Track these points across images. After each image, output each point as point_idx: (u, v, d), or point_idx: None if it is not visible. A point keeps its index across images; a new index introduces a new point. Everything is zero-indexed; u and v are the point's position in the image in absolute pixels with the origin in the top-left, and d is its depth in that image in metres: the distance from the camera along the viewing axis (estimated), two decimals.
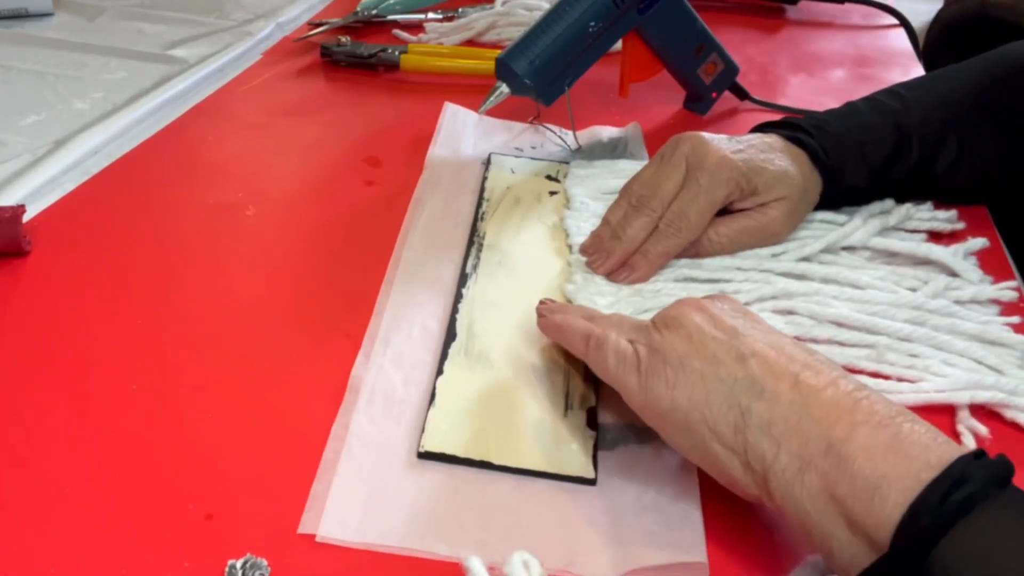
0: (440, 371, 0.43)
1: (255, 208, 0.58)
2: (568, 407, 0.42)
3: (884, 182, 0.55)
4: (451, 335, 0.46)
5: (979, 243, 0.53)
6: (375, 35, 0.88)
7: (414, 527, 0.36)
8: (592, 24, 0.59)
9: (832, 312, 0.46)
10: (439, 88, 0.77)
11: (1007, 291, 0.49)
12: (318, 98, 0.75)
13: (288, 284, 0.51)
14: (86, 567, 0.34)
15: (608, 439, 0.40)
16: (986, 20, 0.98)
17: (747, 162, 0.50)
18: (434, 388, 0.42)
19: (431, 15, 0.91)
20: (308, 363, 0.45)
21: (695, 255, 0.51)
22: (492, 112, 0.71)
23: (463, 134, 0.67)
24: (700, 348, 0.35)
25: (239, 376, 0.44)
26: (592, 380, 0.43)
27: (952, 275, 0.50)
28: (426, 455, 0.39)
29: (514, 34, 0.86)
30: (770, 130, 0.55)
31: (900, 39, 0.93)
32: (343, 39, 0.81)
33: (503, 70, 0.60)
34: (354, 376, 0.43)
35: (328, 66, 0.80)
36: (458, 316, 0.47)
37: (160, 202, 0.59)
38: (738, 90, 0.73)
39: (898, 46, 0.91)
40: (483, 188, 0.60)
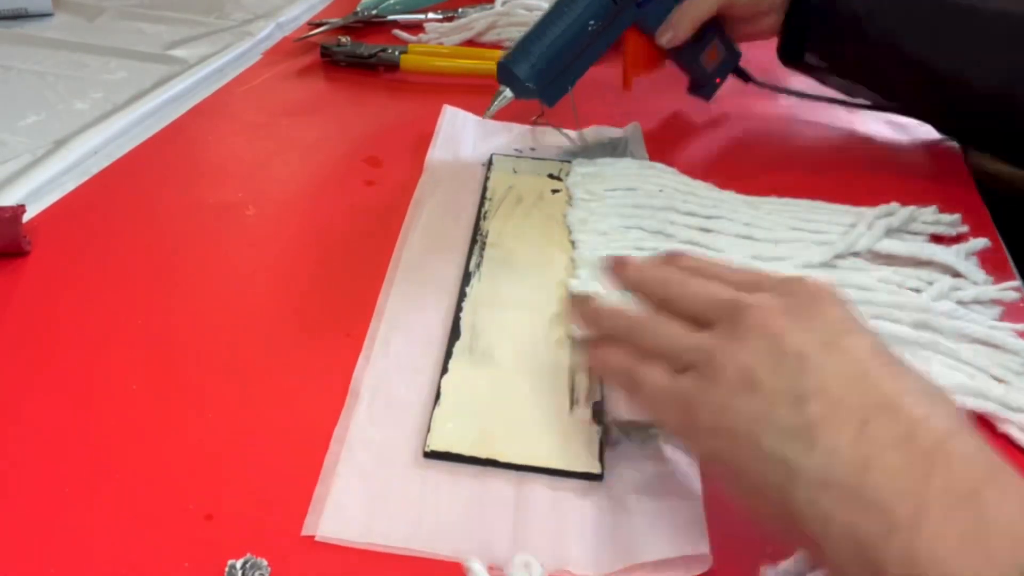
0: (444, 370, 0.43)
1: (255, 208, 0.58)
2: (574, 403, 0.42)
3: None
4: (455, 334, 0.46)
5: (980, 243, 0.53)
6: (375, 35, 0.88)
7: (416, 527, 0.36)
8: (591, 23, 0.58)
9: None
10: (439, 88, 0.77)
11: (1009, 291, 0.49)
12: (318, 98, 0.75)
13: (288, 284, 0.51)
14: (86, 567, 0.34)
15: (612, 436, 0.40)
16: None
17: None
18: (439, 387, 0.42)
19: (431, 15, 0.91)
20: (309, 363, 0.45)
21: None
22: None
23: (462, 136, 0.67)
24: (756, 382, 0.30)
25: (239, 376, 0.43)
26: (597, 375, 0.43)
27: (955, 276, 0.50)
28: (432, 454, 0.39)
29: (514, 34, 0.86)
30: None
31: None
32: (343, 39, 0.80)
33: (504, 74, 0.59)
34: (355, 377, 0.43)
35: (328, 66, 0.80)
36: (462, 315, 0.47)
37: (160, 202, 0.59)
38: (741, 74, 0.72)
39: None
40: (485, 188, 0.59)
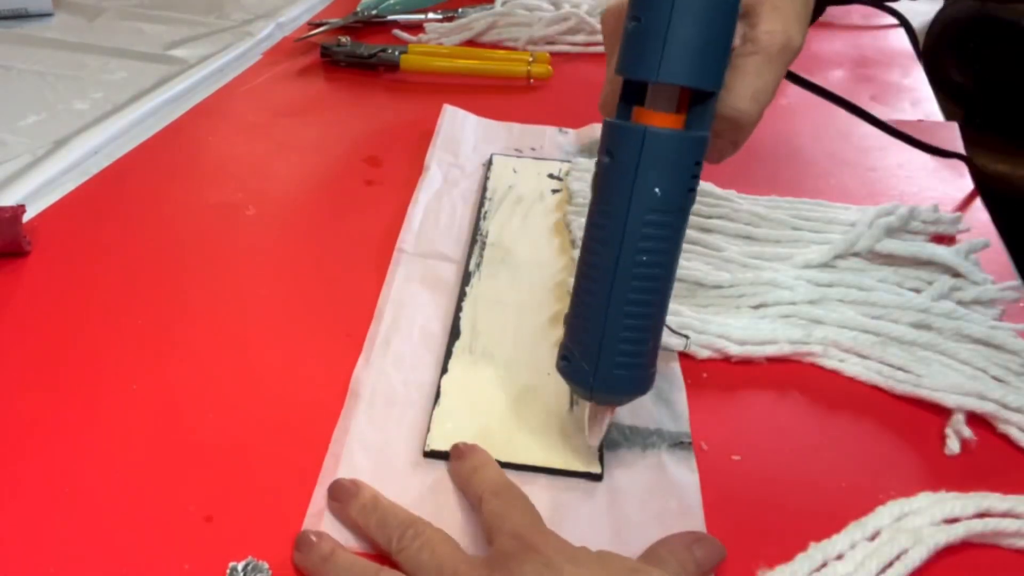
0: (444, 370, 0.43)
1: (255, 208, 0.58)
2: (573, 402, 0.42)
3: None
4: (455, 333, 0.46)
5: (980, 243, 0.53)
6: (375, 35, 0.88)
7: None
8: (644, 258, 0.35)
9: (837, 316, 0.46)
10: (439, 88, 0.77)
11: (1009, 291, 0.49)
12: (318, 98, 0.75)
13: (288, 284, 0.51)
14: (86, 568, 0.33)
15: (610, 437, 0.40)
16: (986, 20, 0.98)
17: None
18: (439, 387, 0.42)
19: (431, 15, 0.91)
20: (309, 363, 0.45)
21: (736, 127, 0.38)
22: (492, 113, 0.71)
23: (462, 136, 0.67)
24: None
25: (239, 376, 0.43)
26: None
27: (955, 276, 0.50)
28: (432, 454, 0.39)
29: (514, 34, 0.86)
30: None
31: (900, 39, 0.93)
32: (343, 39, 0.80)
33: (587, 393, 0.37)
34: (355, 378, 0.43)
35: (328, 66, 0.80)
36: (462, 314, 0.47)
37: (160, 202, 0.59)
38: None
39: (898, 46, 0.91)
40: (485, 188, 0.59)
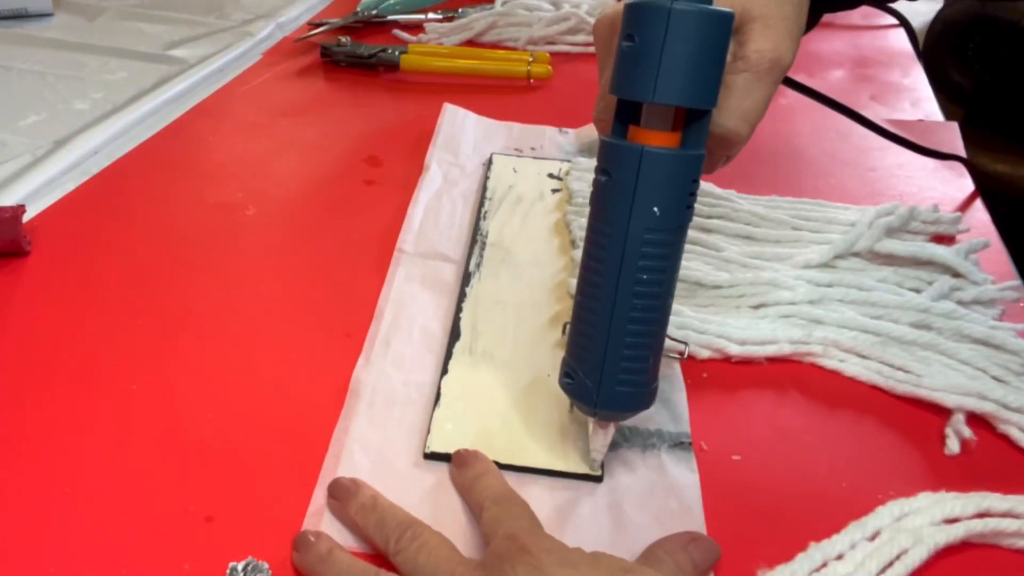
0: (445, 370, 0.43)
1: (255, 208, 0.58)
2: (573, 404, 0.42)
3: None
4: (455, 334, 0.46)
5: (979, 243, 0.53)
6: (375, 35, 0.88)
7: None
8: (644, 276, 0.35)
9: (837, 316, 0.46)
10: (439, 88, 0.77)
11: (1009, 291, 0.49)
12: (318, 98, 0.75)
13: (288, 284, 0.51)
14: (86, 568, 0.33)
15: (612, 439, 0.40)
16: (986, 20, 0.98)
17: None
18: (439, 388, 0.42)
19: (431, 15, 0.91)
20: (309, 364, 0.45)
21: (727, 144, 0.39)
22: (492, 113, 0.71)
23: (463, 135, 0.67)
24: None
25: (239, 376, 0.43)
26: None
27: (955, 276, 0.50)
28: (432, 456, 0.39)
29: (514, 34, 0.86)
30: None
31: (900, 39, 0.93)
32: (343, 39, 0.80)
33: (591, 410, 0.37)
34: (355, 378, 0.43)
35: (328, 66, 0.80)
36: (462, 315, 0.47)
37: (160, 202, 0.59)
38: None
39: (898, 46, 0.91)
40: (485, 187, 0.59)
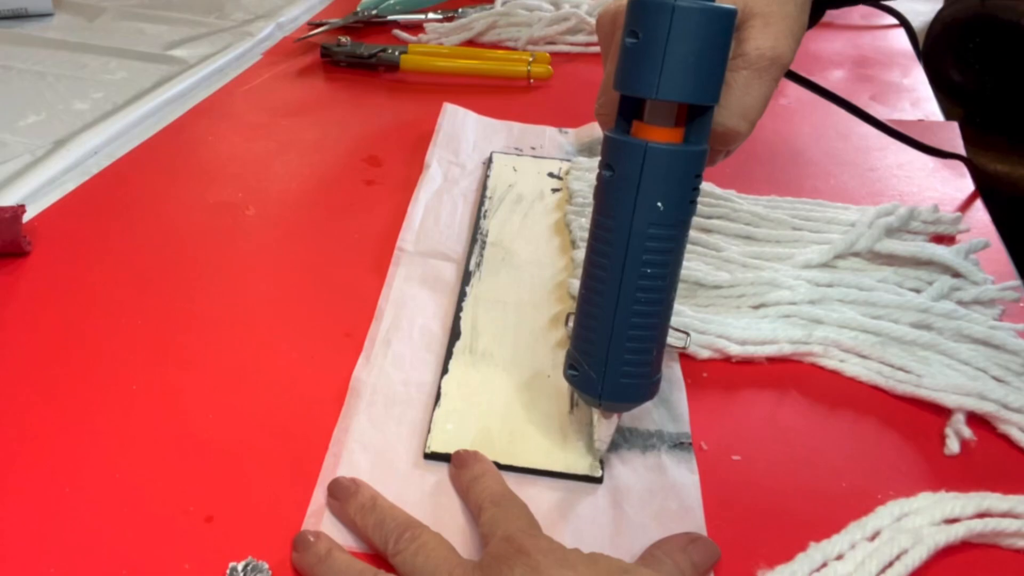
0: (445, 370, 0.43)
1: (255, 208, 0.58)
2: (574, 404, 0.42)
3: None
4: (455, 334, 0.46)
5: (980, 243, 0.53)
6: (375, 35, 0.88)
7: None
8: (648, 270, 0.35)
9: (837, 316, 0.46)
10: (439, 88, 0.77)
11: (1009, 291, 0.49)
12: (318, 98, 0.75)
13: (288, 284, 0.51)
14: (86, 568, 0.33)
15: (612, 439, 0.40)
16: (986, 20, 0.98)
17: None
18: (439, 388, 0.42)
19: (431, 15, 0.91)
20: (309, 364, 0.45)
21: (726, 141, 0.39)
22: (492, 113, 0.71)
23: (463, 134, 0.67)
24: None
25: (239, 376, 0.43)
26: None
27: (955, 276, 0.50)
28: (432, 456, 0.39)
29: (514, 34, 0.86)
30: None
31: (900, 39, 0.93)
32: (343, 39, 0.80)
33: (596, 402, 0.37)
34: (355, 378, 0.43)
35: (328, 66, 0.80)
36: (462, 315, 0.47)
37: (160, 202, 0.59)
38: None
39: (898, 46, 0.91)
40: (485, 187, 0.59)
